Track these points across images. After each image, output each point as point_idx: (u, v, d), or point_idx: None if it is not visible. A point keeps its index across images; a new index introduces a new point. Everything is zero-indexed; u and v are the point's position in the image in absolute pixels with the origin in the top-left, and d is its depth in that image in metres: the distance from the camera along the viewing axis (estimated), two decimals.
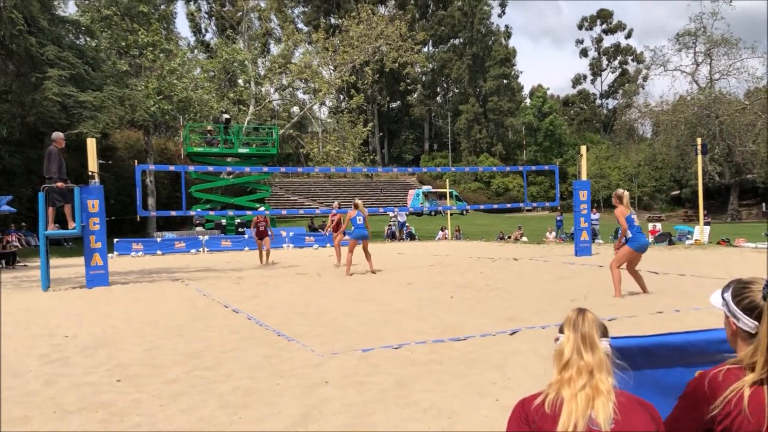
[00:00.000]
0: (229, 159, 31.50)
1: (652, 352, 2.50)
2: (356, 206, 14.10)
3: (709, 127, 49.90)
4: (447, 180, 44.31)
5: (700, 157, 21.86)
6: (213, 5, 61.88)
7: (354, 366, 5.39)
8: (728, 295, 1.99)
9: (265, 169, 25.28)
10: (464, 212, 47.07)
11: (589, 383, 1.85)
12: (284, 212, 25.80)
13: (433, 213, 48.31)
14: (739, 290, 1.97)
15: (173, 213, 17.44)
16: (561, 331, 2.01)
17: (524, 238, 27.08)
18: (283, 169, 20.87)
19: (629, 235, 9.17)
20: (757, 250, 18.77)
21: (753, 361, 1.82)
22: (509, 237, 28.20)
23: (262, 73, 42.23)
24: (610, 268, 9.50)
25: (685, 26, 56.24)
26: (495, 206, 21.87)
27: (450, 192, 41.41)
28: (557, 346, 1.97)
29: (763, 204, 56.32)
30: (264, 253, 17.46)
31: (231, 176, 31.51)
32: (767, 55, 50.85)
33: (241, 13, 44.26)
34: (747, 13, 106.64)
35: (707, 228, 22.68)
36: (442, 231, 31.03)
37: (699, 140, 22.29)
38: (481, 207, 24.75)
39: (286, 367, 5.44)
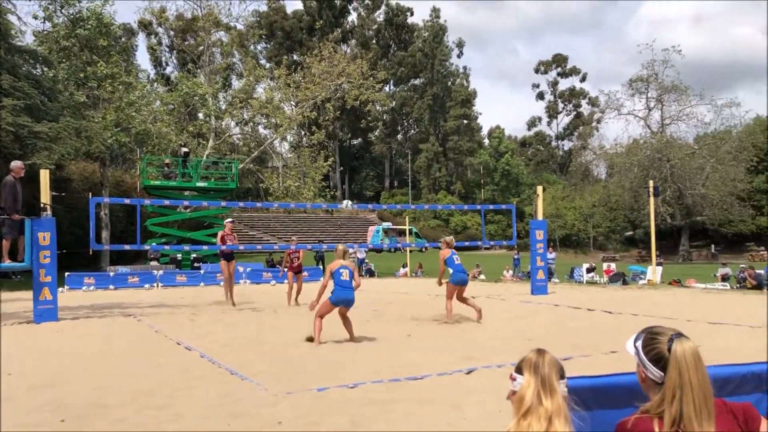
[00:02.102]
0: (186, 193, 31.13)
1: (603, 392, 2.52)
2: (342, 253, 9.29)
3: (661, 170, 51.36)
4: (407, 217, 44.52)
5: (652, 198, 22.45)
6: (174, 39, 61.83)
7: (308, 406, 5.30)
8: (639, 344, 2.08)
9: (224, 203, 25.00)
10: (423, 249, 47.22)
11: (548, 431, 1.86)
12: (241, 247, 25.43)
13: (392, 250, 48.33)
14: (648, 340, 2.06)
15: (127, 247, 17.07)
16: (518, 371, 2.01)
17: (482, 276, 27.24)
18: (241, 204, 20.63)
19: (450, 271, 11.13)
20: (706, 290, 19.25)
21: (660, 410, 1.91)
22: (468, 275, 28.30)
23: (223, 107, 42.16)
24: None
25: (637, 72, 58.22)
26: (453, 244, 21.79)
27: (410, 229, 41.57)
28: (518, 391, 1.98)
29: (712, 246, 57.96)
30: (296, 290, 15.34)
31: (188, 210, 31.10)
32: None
33: (202, 47, 44.28)
34: (695, 62, 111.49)
35: (660, 268, 23.16)
36: (404, 268, 31.05)
37: (651, 183, 22.94)
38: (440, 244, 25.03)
39: (238, 408, 5.32)
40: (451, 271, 11.19)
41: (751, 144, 52.63)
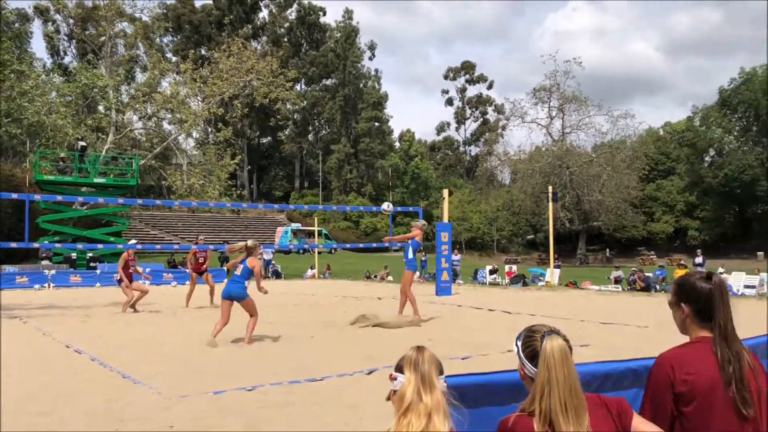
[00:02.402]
0: (83, 189, 29.66)
1: (490, 389, 2.55)
2: (248, 250, 9.09)
3: (561, 177, 53.53)
4: (316, 218, 44.25)
5: (551, 204, 23.36)
6: (73, 28, 58.77)
7: (203, 409, 5.14)
8: (520, 343, 2.10)
9: (121, 200, 23.97)
10: (332, 251, 47.12)
11: (427, 427, 1.85)
12: (139, 246, 24.43)
13: (301, 251, 47.94)
14: (526, 338, 2.08)
15: (14, 244, 16.06)
16: (399, 370, 2.00)
17: (390, 278, 27.47)
18: (140, 201, 19.84)
19: (411, 256, 11.49)
20: (600, 292, 20.22)
21: (533, 408, 1.92)
22: (375, 276, 28.50)
23: (125, 100, 40.45)
24: (403, 292, 11.42)
25: (540, 82, 60.31)
26: (362, 245, 21.96)
27: (319, 230, 41.34)
28: (399, 389, 1.97)
29: (607, 249, 61.02)
30: (209, 291, 15.03)
31: (84, 207, 29.65)
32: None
33: (104, 37, 42.34)
34: (595, 74, 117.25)
35: (557, 271, 24.13)
36: (312, 269, 30.83)
37: (551, 188, 23.88)
38: (347, 246, 24.92)
39: (128, 412, 5.08)
40: (411, 256, 11.43)
41: (643, 154, 55.81)
